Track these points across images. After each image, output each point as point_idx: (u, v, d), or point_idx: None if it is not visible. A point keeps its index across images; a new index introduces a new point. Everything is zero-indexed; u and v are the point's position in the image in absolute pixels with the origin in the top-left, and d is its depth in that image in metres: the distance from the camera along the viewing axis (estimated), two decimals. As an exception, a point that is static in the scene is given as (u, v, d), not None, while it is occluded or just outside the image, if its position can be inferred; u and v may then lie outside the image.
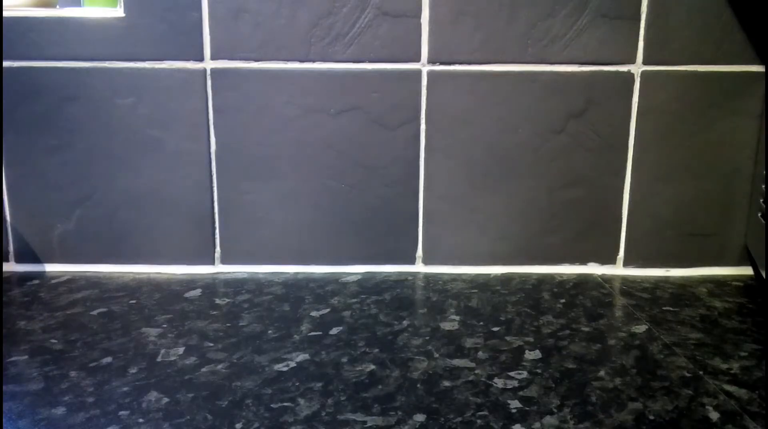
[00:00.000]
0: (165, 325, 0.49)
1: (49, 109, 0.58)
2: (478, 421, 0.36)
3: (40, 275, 0.60)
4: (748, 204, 0.61)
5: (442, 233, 0.61)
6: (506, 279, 0.60)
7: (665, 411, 0.38)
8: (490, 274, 0.61)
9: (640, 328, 0.49)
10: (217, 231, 0.61)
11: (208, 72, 0.58)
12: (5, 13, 0.57)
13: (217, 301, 0.54)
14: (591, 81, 0.58)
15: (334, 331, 0.48)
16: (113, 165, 0.59)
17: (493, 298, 0.55)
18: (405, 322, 0.50)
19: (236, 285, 0.58)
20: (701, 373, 0.42)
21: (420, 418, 0.37)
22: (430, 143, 0.59)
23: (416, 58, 0.58)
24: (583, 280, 0.60)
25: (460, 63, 0.58)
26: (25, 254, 0.61)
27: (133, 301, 0.54)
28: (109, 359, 0.43)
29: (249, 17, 0.57)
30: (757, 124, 0.59)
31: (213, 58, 0.57)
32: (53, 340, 0.46)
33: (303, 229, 0.61)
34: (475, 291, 0.57)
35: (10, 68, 0.57)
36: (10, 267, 0.61)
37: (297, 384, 0.40)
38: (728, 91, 0.59)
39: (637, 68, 0.58)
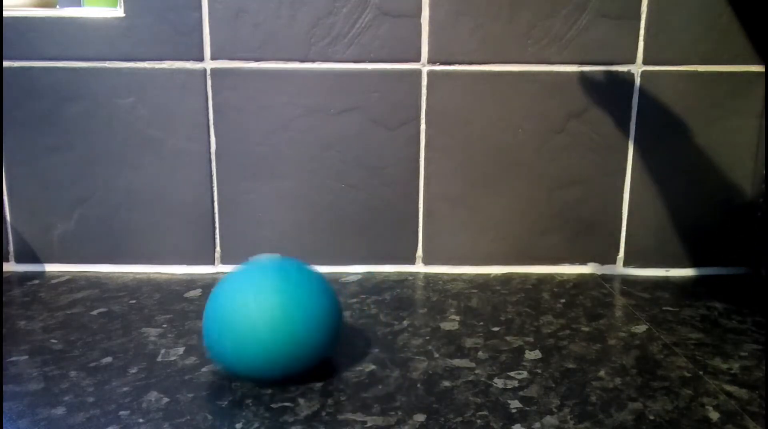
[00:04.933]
0: (165, 325, 0.49)
1: (49, 109, 0.58)
2: (478, 421, 0.36)
3: (40, 275, 0.60)
4: (748, 204, 0.61)
5: (442, 233, 0.61)
6: (506, 279, 0.60)
7: (665, 411, 0.38)
8: (490, 274, 0.61)
9: (640, 328, 0.49)
10: (217, 231, 0.61)
11: (208, 72, 0.58)
12: (5, 13, 0.57)
13: (217, 301, 0.54)
14: (591, 81, 0.58)
15: (334, 331, 0.48)
16: (113, 165, 0.59)
17: (493, 298, 0.55)
18: (405, 322, 0.50)
19: (236, 285, 0.58)
20: (701, 373, 0.42)
21: (420, 418, 0.37)
22: (430, 143, 0.59)
23: (416, 58, 0.58)
24: (583, 280, 0.60)
25: (460, 63, 0.58)
26: (25, 254, 0.61)
27: (133, 301, 0.54)
28: (109, 359, 0.43)
29: (249, 17, 0.57)
30: (757, 124, 0.59)
31: (213, 58, 0.57)
32: (53, 340, 0.46)
33: (303, 229, 0.61)
34: (475, 291, 0.57)
35: (10, 68, 0.57)
36: (10, 267, 0.61)
37: (297, 384, 0.40)
38: (728, 91, 0.59)
39: (637, 68, 0.58)
